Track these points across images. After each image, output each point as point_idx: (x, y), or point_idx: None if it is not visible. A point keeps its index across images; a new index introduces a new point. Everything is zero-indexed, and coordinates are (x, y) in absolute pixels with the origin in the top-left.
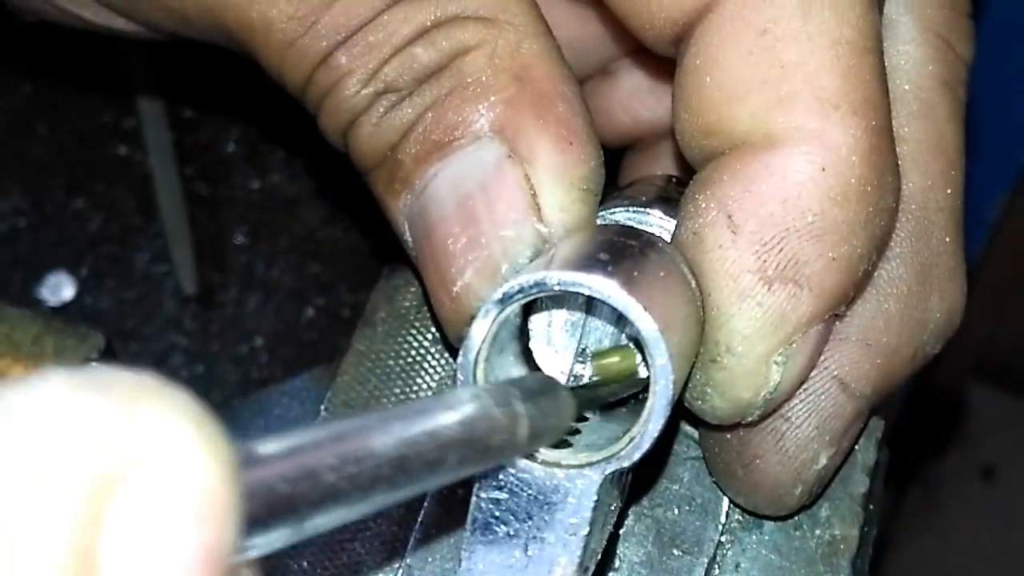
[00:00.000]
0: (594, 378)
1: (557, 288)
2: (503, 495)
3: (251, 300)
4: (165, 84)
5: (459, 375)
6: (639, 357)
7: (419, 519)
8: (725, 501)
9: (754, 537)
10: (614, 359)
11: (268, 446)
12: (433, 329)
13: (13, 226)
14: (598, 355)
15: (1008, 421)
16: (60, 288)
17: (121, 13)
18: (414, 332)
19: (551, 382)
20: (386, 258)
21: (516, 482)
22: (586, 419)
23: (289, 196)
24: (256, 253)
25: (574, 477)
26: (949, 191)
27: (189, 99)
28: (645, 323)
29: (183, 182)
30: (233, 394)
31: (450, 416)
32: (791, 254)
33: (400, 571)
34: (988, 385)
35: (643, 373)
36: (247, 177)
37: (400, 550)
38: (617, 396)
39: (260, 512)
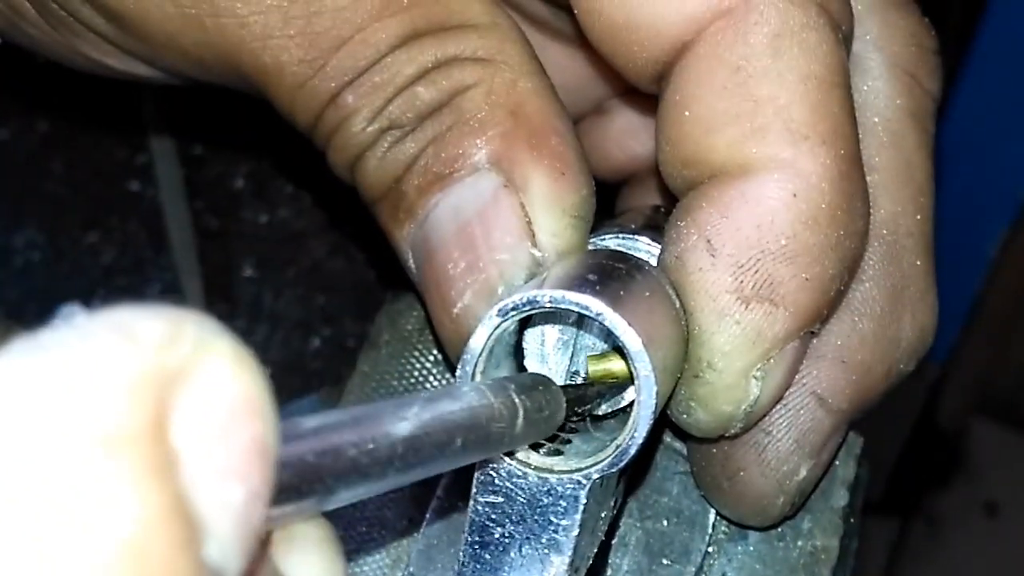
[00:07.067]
0: (586, 378)
1: (549, 305)
2: (499, 499)
3: (259, 330)
4: (176, 122)
5: None
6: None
7: (421, 531)
8: (712, 513)
9: (739, 548)
10: (610, 363)
11: (299, 424)
12: (434, 351)
13: (29, 259)
14: (594, 359)
15: (1011, 457)
16: (73, 319)
17: (143, 60)
18: (416, 354)
19: (544, 379)
20: (389, 289)
21: (511, 487)
22: (576, 430)
23: (296, 230)
24: (264, 285)
25: (565, 482)
26: (919, 217)
27: (199, 136)
28: (630, 338)
29: (193, 216)
30: None
31: (456, 404)
32: (766, 275)
33: None
34: (990, 421)
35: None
36: (255, 211)
37: (403, 560)
38: (603, 396)
39: (290, 481)
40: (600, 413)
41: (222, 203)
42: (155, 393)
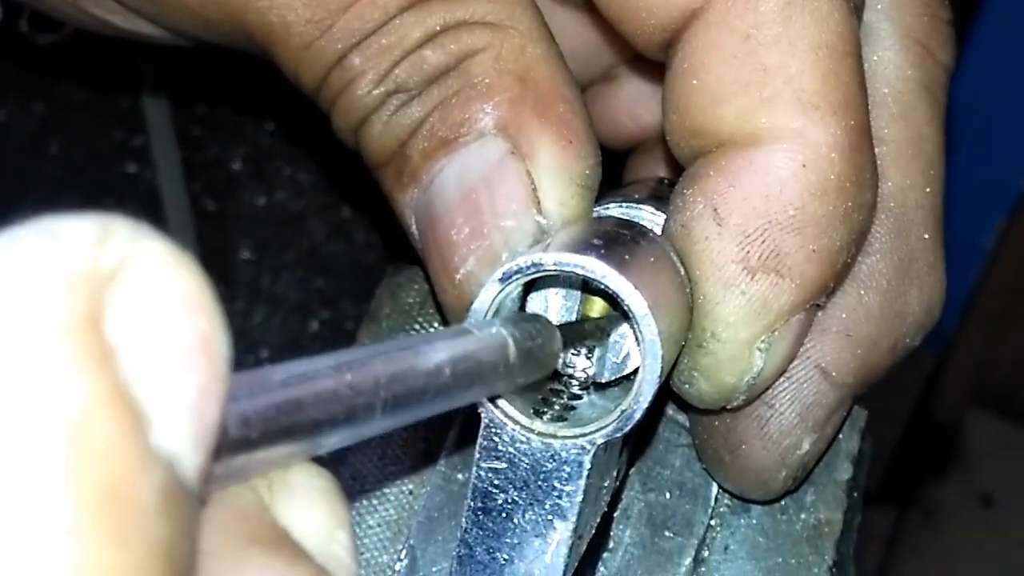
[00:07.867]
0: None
1: (553, 268)
2: (502, 464)
3: (257, 313)
4: (173, 103)
5: None
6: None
7: (421, 504)
8: (714, 486)
9: (742, 521)
10: (595, 311)
11: (281, 367)
12: (436, 323)
13: None
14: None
15: (1007, 448)
16: None
17: (148, 19)
18: (417, 327)
19: (531, 314)
20: (390, 265)
21: (514, 452)
22: (580, 397)
23: (294, 212)
24: (262, 267)
25: (569, 447)
26: (928, 190)
27: (197, 118)
28: (635, 301)
29: (191, 198)
30: None
31: (438, 339)
32: (773, 245)
33: (404, 551)
34: (987, 412)
35: (632, 349)
36: (253, 193)
37: (403, 532)
38: (602, 331)
39: (273, 419)
40: (604, 381)
41: (220, 185)
42: (87, 289)
